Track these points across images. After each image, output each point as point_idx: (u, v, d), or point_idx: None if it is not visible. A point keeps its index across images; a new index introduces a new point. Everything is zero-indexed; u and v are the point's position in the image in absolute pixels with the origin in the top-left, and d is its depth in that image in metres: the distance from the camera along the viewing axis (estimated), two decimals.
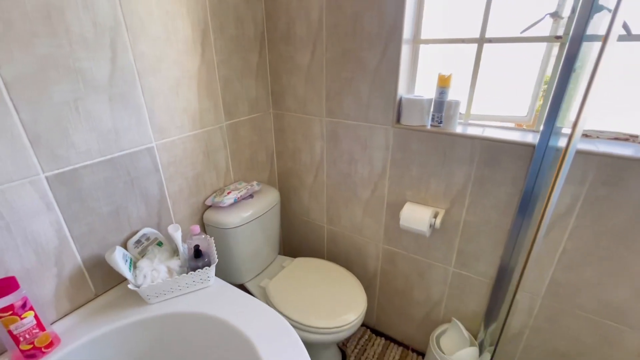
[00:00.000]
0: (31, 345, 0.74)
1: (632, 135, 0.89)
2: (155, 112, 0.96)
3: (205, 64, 1.07)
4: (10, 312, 0.69)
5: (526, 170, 0.95)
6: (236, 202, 1.20)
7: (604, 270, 0.94)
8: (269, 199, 1.31)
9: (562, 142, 0.89)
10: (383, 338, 1.51)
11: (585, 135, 0.94)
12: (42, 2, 0.69)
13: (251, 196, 1.28)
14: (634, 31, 0.80)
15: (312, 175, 1.43)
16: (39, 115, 0.72)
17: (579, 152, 0.86)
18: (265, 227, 1.31)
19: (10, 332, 0.71)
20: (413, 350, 1.45)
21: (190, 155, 1.10)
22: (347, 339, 1.50)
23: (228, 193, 1.19)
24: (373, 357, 1.42)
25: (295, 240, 1.67)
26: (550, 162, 0.89)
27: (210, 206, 1.21)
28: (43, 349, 0.76)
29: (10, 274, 0.74)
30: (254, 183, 1.29)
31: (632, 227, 0.86)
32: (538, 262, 1.03)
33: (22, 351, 0.73)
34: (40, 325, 0.75)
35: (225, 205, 1.17)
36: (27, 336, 0.73)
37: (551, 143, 0.88)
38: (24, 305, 0.71)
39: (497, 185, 1.01)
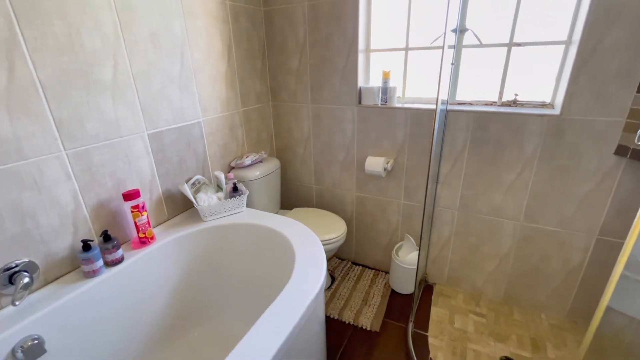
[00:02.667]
0: (144, 235, 1.21)
1: (493, 102, 1.51)
2: (202, 98, 1.47)
3: (230, 68, 1.60)
4: (137, 209, 1.16)
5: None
6: (252, 163, 1.71)
7: (487, 184, 1.54)
8: (273, 164, 1.83)
9: (452, 108, 1.50)
10: (360, 266, 2.04)
11: (470, 103, 1.55)
12: (151, 31, 1.19)
13: (261, 161, 1.79)
14: (484, 41, 1.43)
15: (302, 148, 1.97)
16: (145, 95, 1.22)
17: (465, 111, 1.47)
18: (270, 185, 1.82)
19: (135, 223, 1.17)
20: (381, 271, 1.99)
21: (221, 129, 1.61)
22: (335, 268, 2.02)
23: (246, 157, 1.70)
24: (353, 278, 1.94)
25: (290, 201, 2.18)
26: (445, 120, 1.50)
27: (233, 167, 1.71)
28: (149, 240, 1.23)
29: None
30: (262, 152, 1.81)
31: (495, 154, 1.47)
32: (452, 186, 1.62)
33: (139, 238, 1.20)
34: (149, 223, 1.22)
35: (245, 165, 1.67)
36: (142, 228, 1.20)
37: (447, 109, 1.48)
38: (143, 207, 1.18)
39: (422, 138, 1.60)
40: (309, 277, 1.03)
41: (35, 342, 0.89)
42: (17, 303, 0.89)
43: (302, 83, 1.81)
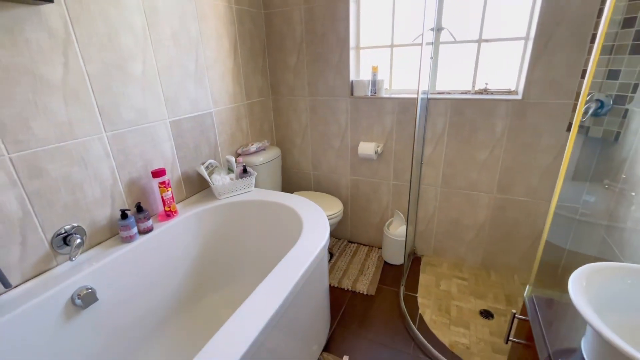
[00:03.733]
0: (169, 208, 1.39)
1: (468, 90, 1.74)
2: (213, 91, 1.66)
3: (235, 65, 1.79)
4: (164, 185, 1.34)
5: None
6: (257, 150, 1.90)
7: (465, 162, 1.77)
8: (274, 152, 2.02)
9: (432, 96, 1.73)
10: (355, 244, 2.25)
11: (448, 93, 1.78)
12: (172, 32, 1.38)
13: (264, 149, 1.98)
14: (457, 38, 1.66)
15: (300, 138, 2.17)
16: (167, 88, 1.40)
17: (444, 99, 1.69)
18: (272, 171, 2.01)
19: (162, 197, 1.35)
20: (375, 247, 2.20)
21: (229, 120, 1.80)
22: (332, 246, 2.22)
23: (251, 145, 1.89)
24: (350, 253, 2.15)
25: (290, 187, 2.37)
26: (427, 107, 1.72)
27: (240, 154, 1.89)
28: (173, 213, 1.41)
29: None
30: (265, 141, 2.00)
31: (470, 135, 1.70)
32: (434, 165, 1.84)
33: (165, 211, 1.38)
34: (173, 198, 1.40)
35: (250, 152, 1.86)
36: (168, 202, 1.37)
37: (427, 98, 1.71)
38: (168, 184, 1.36)
39: (407, 124, 1.82)
40: (316, 234, 1.23)
41: (89, 291, 1.06)
42: (73, 259, 1.06)
43: (299, 78, 2.01)
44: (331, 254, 2.14)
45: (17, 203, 0.97)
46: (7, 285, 0.91)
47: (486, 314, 1.62)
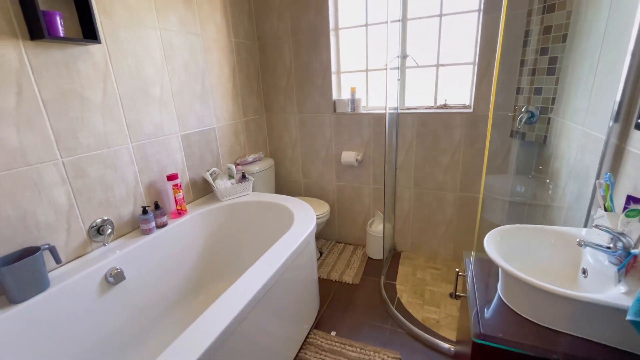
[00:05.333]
0: (180, 207, 1.64)
1: (431, 106, 2.07)
2: (216, 110, 1.95)
3: (234, 87, 2.10)
4: (177, 187, 1.60)
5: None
6: (253, 160, 2.18)
7: (431, 166, 2.07)
8: (269, 162, 2.30)
9: (401, 112, 2.05)
10: (342, 243, 2.50)
11: (415, 108, 2.11)
12: (184, 62, 1.68)
13: (260, 159, 2.26)
14: (420, 64, 2.00)
15: (291, 149, 2.46)
16: (179, 107, 1.69)
17: (411, 113, 2.02)
18: (267, 179, 2.28)
19: (175, 197, 1.61)
20: (360, 245, 2.45)
21: (229, 134, 2.08)
22: (322, 246, 2.46)
23: (248, 155, 2.17)
24: (337, 251, 2.39)
25: (282, 194, 2.62)
26: (395, 121, 2.04)
27: (238, 164, 2.17)
28: (184, 212, 1.66)
29: None
30: (260, 152, 2.28)
31: (434, 143, 2.01)
32: (406, 170, 2.14)
33: (177, 210, 1.63)
34: (184, 199, 1.65)
35: (248, 161, 2.14)
36: (179, 202, 1.63)
37: (397, 113, 2.03)
38: (180, 186, 1.62)
39: (382, 135, 2.13)
40: (304, 224, 1.50)
41: (118, 271, 1.30)
42: (107, 244, 1.30)
43: (289, 98, 2.33)
44: (320, 253, 2.38)
45: (65, 197, 1.22)
46: (59, 262, 1.14)
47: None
